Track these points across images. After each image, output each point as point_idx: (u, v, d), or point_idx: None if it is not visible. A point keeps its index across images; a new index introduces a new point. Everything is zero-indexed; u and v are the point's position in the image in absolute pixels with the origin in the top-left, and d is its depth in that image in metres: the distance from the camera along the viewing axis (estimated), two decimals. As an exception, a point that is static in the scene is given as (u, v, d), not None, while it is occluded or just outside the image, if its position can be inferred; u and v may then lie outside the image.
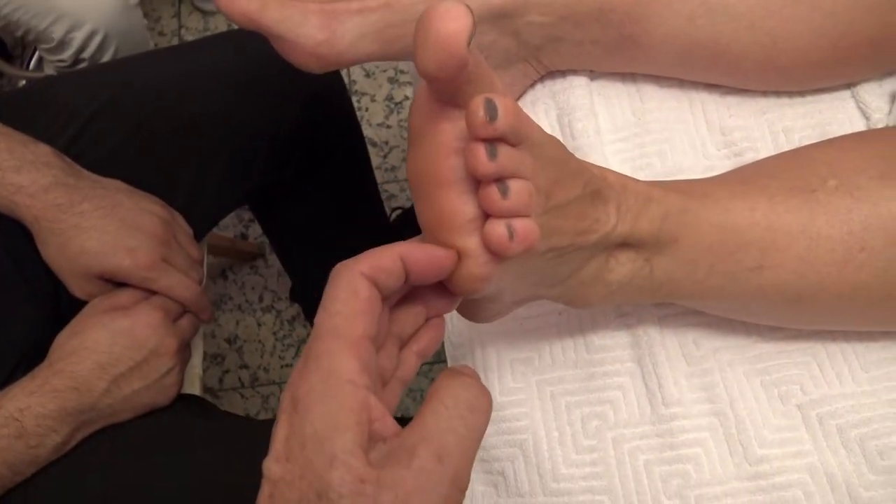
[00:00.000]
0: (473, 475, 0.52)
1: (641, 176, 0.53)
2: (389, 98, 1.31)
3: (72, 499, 0.55)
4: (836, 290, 0.42)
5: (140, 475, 0.56)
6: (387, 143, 1.29)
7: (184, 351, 0.63)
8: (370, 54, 0.48)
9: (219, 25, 1.43)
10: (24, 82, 1.29)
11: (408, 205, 1.16)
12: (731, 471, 0.46)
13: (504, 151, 0.30)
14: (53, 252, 0.59)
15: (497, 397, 0.52)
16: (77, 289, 0.61)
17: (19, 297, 0.63)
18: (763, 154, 0.52)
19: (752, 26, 0.48)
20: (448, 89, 0.30)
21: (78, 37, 0.80)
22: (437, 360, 1.17)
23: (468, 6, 0.28)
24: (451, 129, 0.31)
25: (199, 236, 0.69)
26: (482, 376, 0.53)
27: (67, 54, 0.82)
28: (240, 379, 1.19)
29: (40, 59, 1.31)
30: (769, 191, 0.42)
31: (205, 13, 1.44)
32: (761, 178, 0.44)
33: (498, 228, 0.31)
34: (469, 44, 0.28)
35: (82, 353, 0.57)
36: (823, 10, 0.47)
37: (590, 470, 0.48)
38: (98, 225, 0.58)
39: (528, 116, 0.33)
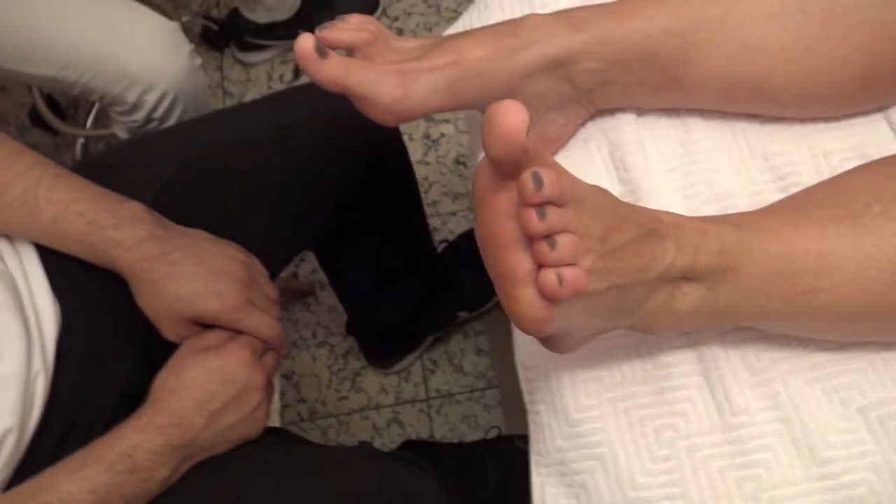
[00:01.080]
0: (555, 489, 0.56)
1: (692, 203, 0.57)
2: (427, 136, 1.37)
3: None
4: (887, 306, 0.46)
5: (235, 500, 0.60)
6: (426, 179, 1.34)
7: (269, 386, 0.68)
8: (440, 106, 0.53)
9: (259, 77, 1.50)
10: (81, 140, 1.37)
11: (451, 237, 1.21)
12: (801, 473, 0.49)
13: (552, 212, 0.36)
14: (148, 299, 0.64)
15: (573, 414, 0.56)
16: (170, 332, 0.66)
17: (116, 342, 0.68)
18: (805, 177, 0.56)
19: (788, 63, 0.52)
20: (508, 167, 0.36)
21: (150, 99, 0.86)
22: (488, 387, 1.21)
23: (523, 105, 0.34)
24: (507, 198, 0.37)
25: (272, 277, 0.74)
26: (557, 396, 0.57)
27: (140, 115, 0.88)
28: (299, 413, 1.23)
29: (96, 118, 1.39)
30: (818, 219, 0.46)
31: (245, 65, 1.51)
32: (809, 208, 0.47)
33: (549, 277, 0.37)
34: (526, 134, 0.34)
35: (181, 391, 0.62)
36: (852, 45, 0.51)
37: (666, 478, 0.52)
38: (188, 272, 0.64)
39: (572, 179, 0.39)
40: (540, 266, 0.37)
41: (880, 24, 0.49)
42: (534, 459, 0.58)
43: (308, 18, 1.42)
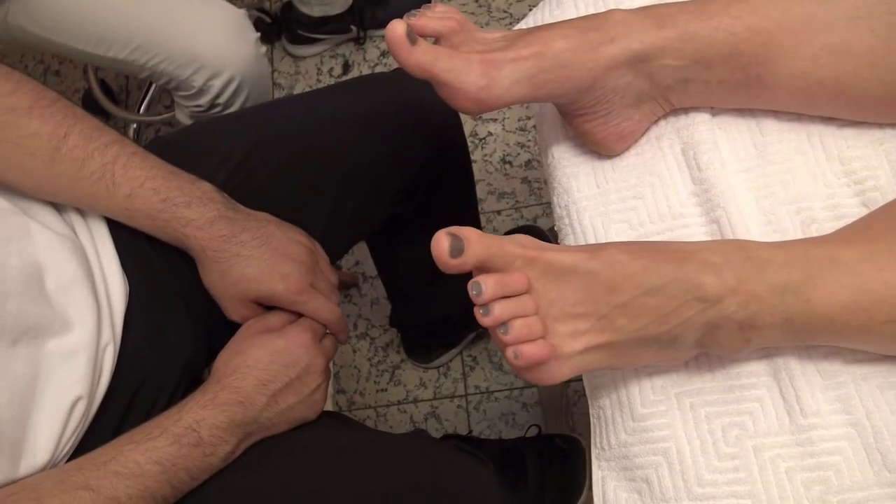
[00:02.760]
0: (617, 482, 0.56)
1: (766, 203, 0.57)
2: (474, 134, 1.37)
3: (242, 502, 0.60)
4: None
5: (304, 482, 0.61)
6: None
7: (328, 369, 0.68)
8: (521, 97, 0.54)
9: (308, 70, 1.52)
10: (134, 126, 1.39)
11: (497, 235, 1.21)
12: (871, 478, 0.49)
13: (497, 307, 0.45)
14: (216, 278, 0.65)
15: (639, 409, 0.56)
16: (233, 312, 0.67)
17: (180, 319, 0.69)
18: (883, 181, 0.55)
19: (873, 65, 0.52)
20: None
21: (216, 85, 0.88)
22: (527, 386, 1.21)
23: (448, 231, 0.44)
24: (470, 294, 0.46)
25: (332, 263, 0.75)
26: (623, 391, 0.57)
27: (205, 100, 0.90)
28: (337, 403, 1.24)
29: (149, 105, 1.41)
30: None
31: (296, 58, 1.53)
32: (888, 236, 0.48)
33: (508, 353, 0.46)
34: (453, 256, 0.43)
35: (244, 370, 0.63)
36: (939, 47, 0.51)
37: (732, 476, 0.52)
38: (255, 254, 0.65)
39: (549, 259, 0.47)
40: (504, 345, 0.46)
41: (973, 28, 0.49)
42: (595, 453, 0.58)
43: (360, 14, 1.44)
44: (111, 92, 1.53)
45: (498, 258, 0.45)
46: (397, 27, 0.49)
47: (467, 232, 0.43)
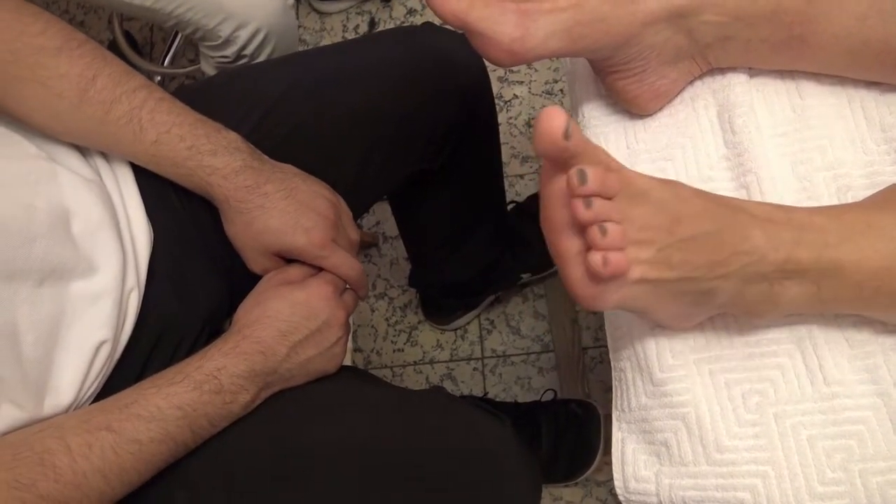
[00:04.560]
0: (636, 445, 0.56)
1: (801, 169, 0.56)
2: (499, 97, 1.36)
3: (260, 451, 0.61)
4: None
5: (324, 432, 0.61)
6: (495, 139, 1.33)
7: (348, 323, 0.68)
8: (557, 50, 0.53)
9: (334, 27, 1.50)
10: (158, 78, 1.39)
11: (519, 199, 1.20)
12: (895, 448, 0.48)
13: (598, 203, 0.41)
14: (239, 229, 0.65)
15: (658, 374, 0.55)
16: (254, 263, 0.67)
17: (203, 268, 0.69)
18: (924, 150, 0.54)
19: (920, 27, 0.50)
20: (558, 163, 0.42)
21: (243, 35, 0.87)
22: (544, 350, 1.21)
23: (564, 111, 0.40)
24: (560, 188, 0.43)
25: (355, 219, 0.74)
26: (642, 355, 0.56)
27: (231, 51, 0.89)
28: (353, 362, 1.25)
29: (174, 57, 1.41)
30: None
31: (321, 14, 1.51)
32: None
33: (595, 258, 0.42)
34: (566, 136, 0.40)
35: (265, 321, 0.63)
36: None
37: (753, 442, 0.51)
38: (280, 206, 0.64)
39: (629, 175, 0.44)
40: (588, 249, 0.42)
41: None
42: (616, 415, 0.58)
43: (388, -30, 1.41)
44: (136, 44, 1.52)
45: (590, 156, 0.42)
46: (431, -27, 0.48)
47: (572, 121, 0.41)
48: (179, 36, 1.42)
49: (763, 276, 0.46)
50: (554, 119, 0.39)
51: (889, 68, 0.53)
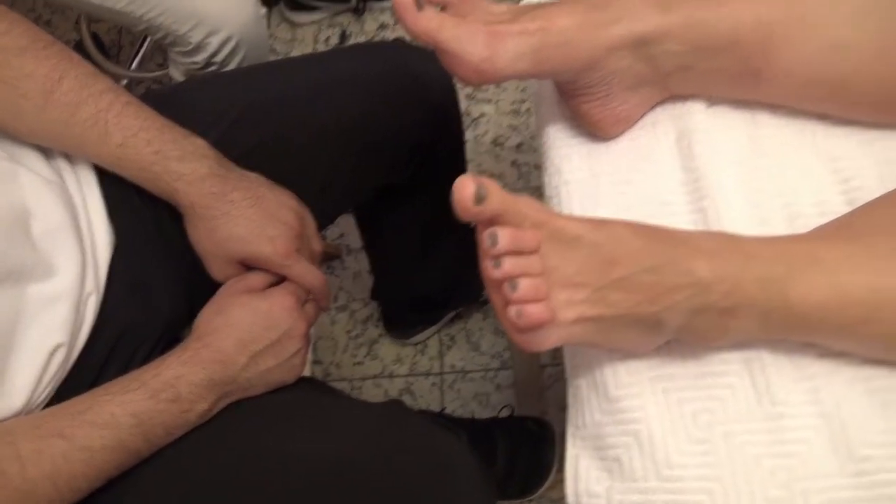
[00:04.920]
0: (589, 461, 0.57)
1: (755, 197, 0.58)
2: (467, 114, 1.37)
3: (215, 460, 0.60)
4: None
5: (280, 443, 0.61)
6: (462, 156, 1.34)
7: (308, 335, 0.68)
8: (524, 72, 0.54)
9: (305, 37, 1.50)
10: (125, 81, 1.37)
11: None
12: (835, 467, 0.50)
13: (507, 261, 0.44)
14: (203, 235, 0.65)
15: (612, 390, 0.56)
16: (217, 270, 0.67)
17: (164, 274, 0.69)
18: (869, 181, 0.56)
19: (871, 65, 0.53)
20: (483, 223, 0.45)
21: (213, 42, 0.87)
22: (502, 367, 1.22)
23: (474, 179, 0.43)
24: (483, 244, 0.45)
25: (319, 230, 0.75)
26: (598, 372, 0.57)
27: (201, 57, 0.89)
28: (312, 373, 1.24)
29: (141, 60, 1.39)
30: (874, 252, 0.48)
31: (293, 24, 1.51)
32: (866, 238, 0.49)
33: (510, 311, 0.45)
34: (477, 202, 0.42)
35: (226, 329, 0.62)
36: (937, 54, 0.52)
37: (701, 459, 0.53)
38: (246, 214, 0.64)
39: (558, 224, 0.46)
40: (507, 303, 0.45)
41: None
42: (571, 431, 0.59)
43: (361, -15, 1.43)
44: (103, 46, 1.51)
45: (512, 214, 0.44)
46: (404, -9, 0.49)
47: (489, 183, 0.43)
48: (148, 40, 1.42)
49: (710, 307, 0.48)
50: (464, 189, 0.42)
51: (839, 103, 0.56)
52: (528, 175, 1.33)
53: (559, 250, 0.46)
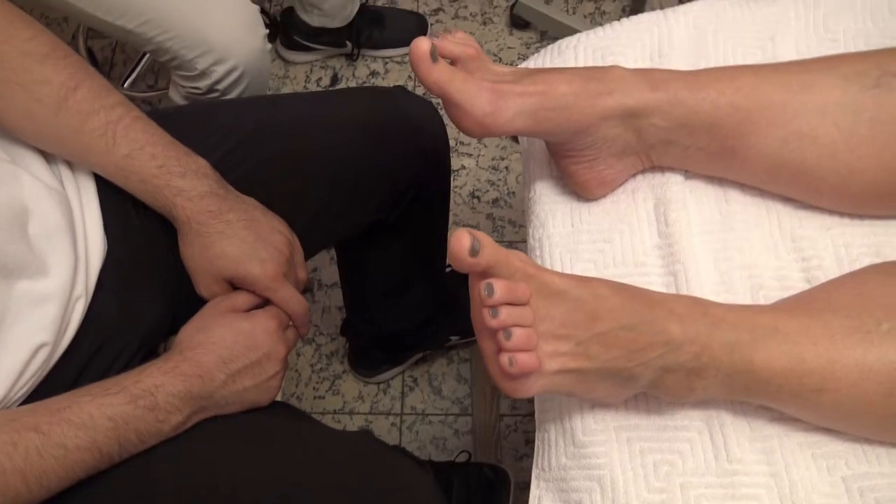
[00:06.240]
0: (551, 503, 0.59)
1: (722, 265, 0.62)
2: (448, 165, 1.42)
3: (183, 473, 0.61)
4: (882, 413, 0.52)
5: (243, 462, 0.62)
6: (440, 205, 1.38)
7: (286, 359, 0.70)
8: (521, 129, 0.58)
9: (297, 76, 1.54)
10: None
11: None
12: (782, 525, 0.53)
13: (504, 311, 0.47)
14: (196, 251, 0.67)
15: (580, 436, 0.59)
16: (204, 287, 0.68)
17: (151, 287, 0.70)
18: (826, 262, 0.61)
19: (833, 156, 0.58)
20: (476, 274, 0.47)
21: (219, 70, 0.90)
22: (462, 413, 1.23)
23: (470, 233, 0.45)
24: (478, 297, 0.48)
25: (305, 260, 0.77)
26: (567, 417, 0.60)
27: (204, 84, 0.91)
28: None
29: (134, 81, 1.41)
30: (831, 328, 0.52)
31: (287, 62, 1.56)
32: (827, 316, 0.53)
33: (503, 358, 0.48)
34: (472, 254, 0.45)
35: (208, 346, 0.64)
36: (892, 151, 0.57)
37: (659, 508, 0.55)
38: (240, 234, 0.66)
39: (546, 278, 0.50)
40: (500, 350, 0.48)
41: (922, 139, 0.56)
42: (535, 474, 0.62)
43: (358, 32, 1.48)
44: (95, 62, 1.53)
45: (503, 267, 0.47)
46: (423, 44, 0.53)
47: (483, 236, 0.46)
48: (145, 60, 1.44)
49: (680, 366, 0.52)
50: (460, 241, 0.45)
51: (802, 188, 0.61)
52: (501, 229, 1.38)
53: (545, 303, 0.49)
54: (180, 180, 0.65)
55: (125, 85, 1.38)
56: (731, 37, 0.70)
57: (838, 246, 0.62)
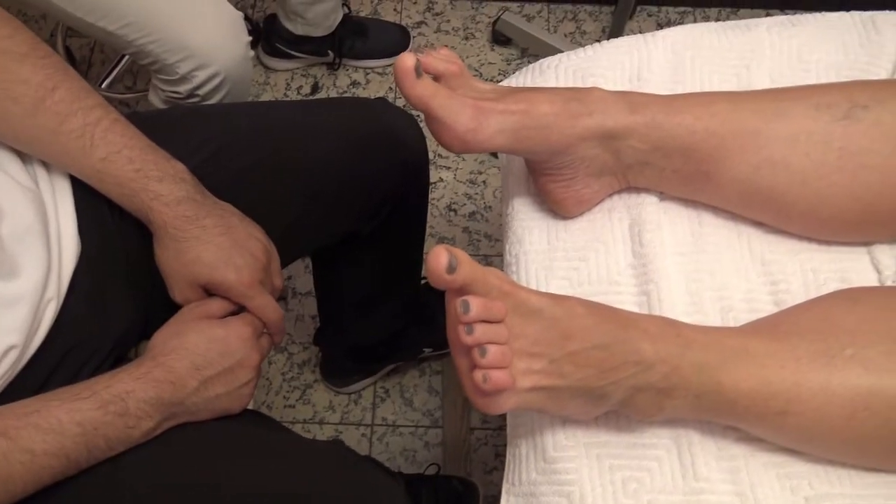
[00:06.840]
0: (520, 516, 0.60)
1: (693, 286, 0.64)
2: (426, 177, 1.42)
3: (152, 479, 0.60)
4: (843, 436, 0.53)
5: (212, 470, 0.62)
6: (417, 217, 1.38)
7: (259, 367, 0.70)
8: (502, 146, 0.59)
9: (278, 83, 1.54)
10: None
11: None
12: (746, 544, 0.54)
13: (479, 328, 0.47)
14: (171, 256, 0.66)
15: (550, 451, 0.60)
16: (178, 293, 0.68)
17: (124, 291, 0.70)
18: (794, 285, 0.63)
19: (803, 183, 0.60)
20: (453, 291, 0.48)
21: (200, 76, 0.89)
22: (432, 426, 1.23)
23: (448, 250, 0.46)
24: (454, 314, 0.48)
25: (282, 267, 0.77)
26: (538, 433, 0.61)
27: (185, 88, 0.91)
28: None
29: (112, 83, 1.40)
30: (797, 352, 0.54)
31: (268, 69, 1.55)
32: (794, 340, 0.55)
33: (477, 375, 0.48)
34: (449, 271, 0.46)
35: (181, 352, 0.63)
36: (859, 181, 0.59)
37: (626, 525, 0.56)
38: (216, 241, 0.66)
39: (522, 297, 0.50)
40: (474, 367, 0.48)
41: (888, 170, 0.57)
42: (506, 488, 0.62)
43: (340, 42, 1.48)
44: (73, 62, 1.51)
45: (480, 284, 0.48)
46: (407, 60, 0.53)
47: (460, 253, 0.46)
48: (124, 61, 1.43)
49: (650, 386, 0.53)
50: (438, 258, 0.46)
51: (772, 213, 0.62)
52: (477, 243, 1.38)
53: (520, 321, 0.50)
54: (157, 184, 0.64)
55: (103, 86, 1.37)
56: (708, 63, 0.72)
57: (806, 271, 0.64)
